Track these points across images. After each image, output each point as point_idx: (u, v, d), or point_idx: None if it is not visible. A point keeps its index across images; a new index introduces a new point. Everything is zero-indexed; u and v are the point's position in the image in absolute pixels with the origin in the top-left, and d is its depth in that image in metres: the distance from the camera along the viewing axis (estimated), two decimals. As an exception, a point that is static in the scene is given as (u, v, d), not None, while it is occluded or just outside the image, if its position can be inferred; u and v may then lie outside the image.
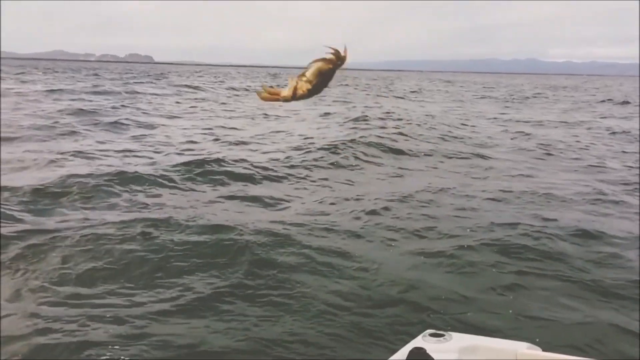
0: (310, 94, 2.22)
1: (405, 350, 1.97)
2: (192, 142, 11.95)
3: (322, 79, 2.17)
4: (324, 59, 2.18)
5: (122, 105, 19.92)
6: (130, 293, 4.40)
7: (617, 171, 9.94)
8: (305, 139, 12.59)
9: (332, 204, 7.15)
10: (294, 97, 2.17)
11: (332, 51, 2.11)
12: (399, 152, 11.27)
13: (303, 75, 2.16)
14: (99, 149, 10.42)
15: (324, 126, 15.65)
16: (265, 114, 18.90)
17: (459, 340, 2.16)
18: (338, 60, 2.17)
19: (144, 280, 4.64)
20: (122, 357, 3.49)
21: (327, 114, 19.40)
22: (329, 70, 2.18)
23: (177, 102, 23.37)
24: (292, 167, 9.29)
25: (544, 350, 2.13)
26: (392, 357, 2.03)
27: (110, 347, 3.61)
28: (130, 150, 10.47)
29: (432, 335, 2.21)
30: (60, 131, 12.67)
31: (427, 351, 1.88)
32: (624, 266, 5.12)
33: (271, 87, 2.16)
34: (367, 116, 17.47)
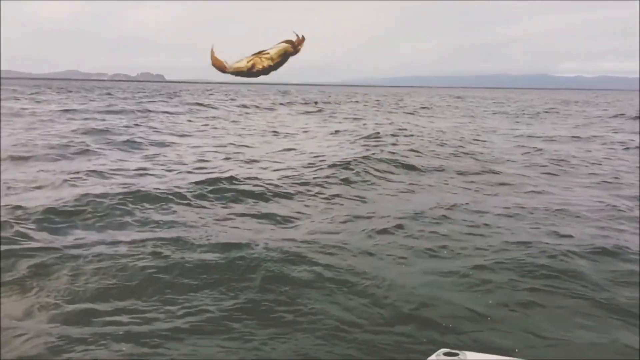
0: (269, 70, 2.42)
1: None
2: (204, 160, 12.02)
3: (283, 59, 2.40)
4: (290, 41, 2.39)
5: (135, 124, 20.12)
6: (142, 311, 4.41)
7: (632, 187, 9.83)
8: (316, 156, 12.62)
9: (344, 221, 7.14)
10: (250, 70, 2.36)
11: (298, 37, 2.34)
12: (411, 168, 11.25)
13: (264, 53, 2.36)
14: (112, 168, 10.52)
15: (335, 143, 15.69)
16: (276, 132, 19.00)
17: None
18: (299, 46, 2.39)
19: (156, 298, 4.65)
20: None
21: (337, 131, 19.45)
22: (291, 53, 2.41)
23: (189, 121, 23.57)
24: (303, 184, 9.30)
25: None
26: None
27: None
28: (143, 169, 10.55)
29: (446, 354, 2.19)
30: (74, 150, 12.80)
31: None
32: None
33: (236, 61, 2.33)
34: (378, 133, 17.49)
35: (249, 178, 9.44)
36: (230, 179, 9.17)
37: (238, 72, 2.35)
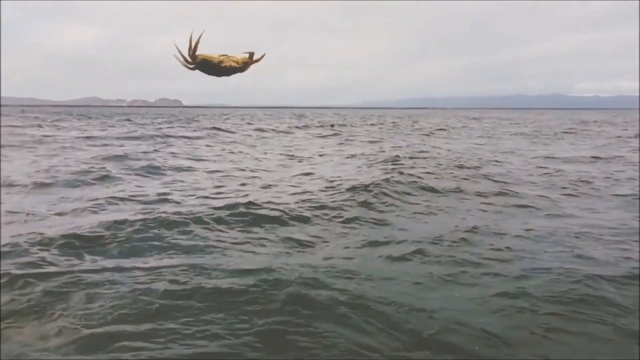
0: (232, 70, 2.93)
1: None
2: (222, 185, 12.10)
3: (243, 67, 2.91)
4: (251, 55, 2.91)
5: (155, 150, 20.38)
6: (160, 336, 4.41)
7: (655, 207, 9.65)
8: (333, 180, 12.63)
9: (362, 245, 7.11)
10: (218, 64, 2.86)
11: (254, 54, 2.93)
12: (429, 190, 11.20)
13: (232, 56, 2.86)
14: (131, 194, 10.63)
15: (353, 167, 15.71)
16: (292, 156, 19.10)
17: None
18: (254, 62, 2.93)
19: (174, 324, 4.65)
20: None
21: (354, 155, 19.48)
22: (248, 65, 2.93)
23: (207, 145, 23.83)
24: (321, 208, 9.30)
25: None
26: None
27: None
28: (162, 194, 10.65)
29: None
30: (95, 176, 12.97)
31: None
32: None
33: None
34: (397, 156, 17.46)
35: (266, 202, 9.47)
36: (248, 204, 9.20)
37: (204, 63, 2.79)
